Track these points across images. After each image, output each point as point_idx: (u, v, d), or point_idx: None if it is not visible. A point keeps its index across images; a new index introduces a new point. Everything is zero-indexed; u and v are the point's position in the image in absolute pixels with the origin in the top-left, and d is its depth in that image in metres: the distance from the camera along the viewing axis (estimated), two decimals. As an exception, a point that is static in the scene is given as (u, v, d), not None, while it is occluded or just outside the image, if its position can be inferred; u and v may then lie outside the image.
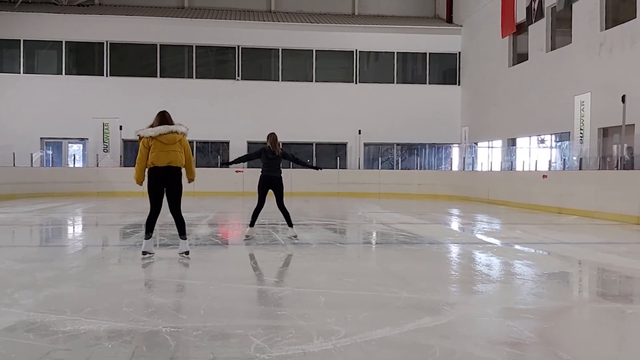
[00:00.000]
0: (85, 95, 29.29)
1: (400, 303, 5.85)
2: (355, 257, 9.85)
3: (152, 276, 7.44)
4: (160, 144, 8.15)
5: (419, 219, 16.65)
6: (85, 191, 25.69)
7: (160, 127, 8.21)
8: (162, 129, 8.20)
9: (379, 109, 30.72)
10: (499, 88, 27.15)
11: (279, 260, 8.93)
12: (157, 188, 8.37)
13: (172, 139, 8.21)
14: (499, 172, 24.81)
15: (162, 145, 8.16)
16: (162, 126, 8.24)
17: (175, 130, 8.26)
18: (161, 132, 8.17)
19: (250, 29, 30.60)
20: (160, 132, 8.17)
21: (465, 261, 9.22)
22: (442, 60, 31.95)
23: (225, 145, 30.28)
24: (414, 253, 9.80)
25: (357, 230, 14.35)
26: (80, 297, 6.16)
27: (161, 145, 8.15)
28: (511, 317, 5.45)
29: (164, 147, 8.16)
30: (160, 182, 8.33)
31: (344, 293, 6.40)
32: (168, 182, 8.34)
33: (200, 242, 10.56)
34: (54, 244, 11.43)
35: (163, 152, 8.16)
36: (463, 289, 6.87)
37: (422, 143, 31.42)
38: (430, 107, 30.99)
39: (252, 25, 30.76)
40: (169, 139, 8.19)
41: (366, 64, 31.87)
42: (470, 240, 11.82)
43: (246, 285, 6.82)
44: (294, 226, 11.13)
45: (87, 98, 29.19)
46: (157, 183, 8.33)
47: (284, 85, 30.74)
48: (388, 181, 27.76)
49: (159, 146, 8.15)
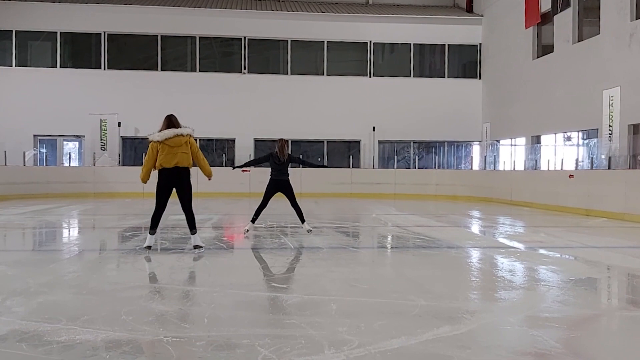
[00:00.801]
0: (81, 89, 29.30)
1: (417, 311, 5.84)
2: (369, 262, 9.81)
3: (153, 282, 7.47)
4: (168, 147, 9.38)
5: (437, 221, 16.62)
6: (82, 192, 25.72)
7: (166, 131, 9.40)
8: (168, 133, 9.38)
9: (395, 105, 30.69)
10: (522, 82, 27.07)
11: (288, 266, 8.95)
12: (165, 188, 9.61)
13: (178, 142, 9.40)
14: (522, 171, 24.72)
15: (169, 148, 9.37)
16: (168, 130, 9.41)
17: (180, 133, 9.42)
18: (167, 136, 9.36)
19: (257, 19, 30.59)
20: (166, 136, 9.37)
21: (486, 266, 9.20)
22: (462, 53, 31.88)
23: (231, 143, 30.28)
24: (432, 258, 9.81)
25: (371, 233, 14.34)
26: (76, 304, 6.18)
27: (168, 148, 9.38)
28: (535, 326, 5.43)
29: (171, 150, 9.38)
30: (168, 182, 9.56)
31: (357, 300, 6.40)
32: (176, 181, 9.56)
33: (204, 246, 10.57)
34: (48, 248, 11.41)
35: (170, 154, 9.39)
36: (484, 296, 6.87)
37: (441, 141, 31.39)
38: (449, 102, 30.95)
39: (259, 15, 30.75)
40: (175, 142, 9.38)
41: (381, 57, 31.82)
42: (492, 244, 11.80)
43: (253, 292, 6.82)
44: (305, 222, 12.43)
45: (83, 93, 29.21)
46: (165, 183, 9.57)
47: (293, 79, 30.73)
48: (404, 181, 27.74)
49: (166, 149, 9.39)
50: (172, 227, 12.82)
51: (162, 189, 9.64)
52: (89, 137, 29.10)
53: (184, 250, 9.96)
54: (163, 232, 12.24)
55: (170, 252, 9.73)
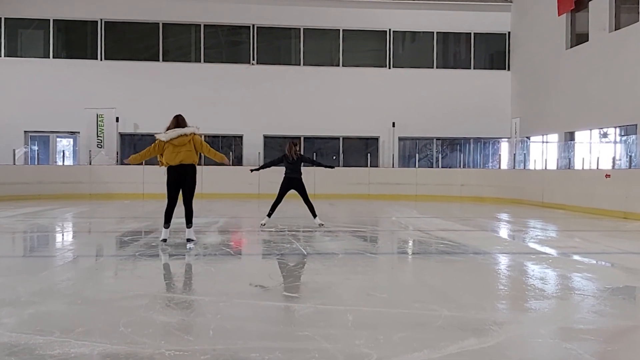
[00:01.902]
0: (76, 82, 29.30)
1: (441, 322, 5.84)
2: (388, 269, 9.82)
3: (154, 291, 7.43)
4: (173, 146, 10.94)
5: (463, 225, 16.56)
6: (77, 193, 25.71)
7: (171, 132, 10.95)
8: (172, 133, 10.93)
9: (416, 98, 30.63)
10: (554, 74, 26.97)
11: (301, 273, 8.96)
12: (173, 184, 11.17)
13: (182, 141, 10.94)
14: (554, 170, 24.62)
15: (174, 147, 10.94)
16: (173, 131, 10.96)
17: (184, 133, 10.95)
18: (172, 137, 10.92)
19: (267, 5, 30.56)
20: (171, 136, 10.93)
21: (515, 274, 9.17)
22: (489, 42, 31.78)
23: (239, 139, 30.29)
24: (457, 264, 9.79)
25: (390, 238, 14.36)
26: (70, 315, 6.19)
27: (173, 147, 10.94)
28: (569, 338, 5.42)
29: (175, 149, 10.94)
30: (175, 179, 11.11)
31: (375, 311, 6.39)
32: (181, 178, 11.09)
33: (208, 252, 10.60)
34: (40, 254, 11.49)
35: (174, 152, 10.94)
36: (513, 306, 6.85)
37: (466, 137, 31.33)
38: (476, 95, 30.86)
39: (269, 1, 30.68)
40: (180, 141, 10.93)
41: (401, 46, 31.78)
42: (522, 250, 11.77)
43: (262, 301, 6.85)
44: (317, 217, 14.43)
45: (78, 85, 29.22)
46: (173, 179, 11.14)
47: (306, 70, 30.73)
48: (426, 181, 27.68)
49: (171, 148, 10.95)
50: (174, 232, 12.85)
51: (170, 185, 11.19)
52: (84, 133, 29.01)
53: (187, 255, 9.99)
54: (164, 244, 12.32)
55: (172, 258, 9.75)
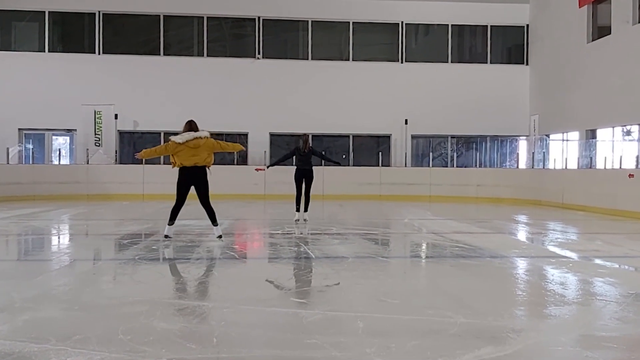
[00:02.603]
0: (73, 77, 29.25)
1: (456, 329, 5.84)
2: (400, 274, 9.84)
3: (155, 296, 7.40)
4: (187, 149, 11.83)
5: (479, 227, 16.59)
6: (73, 194, 25.61)
7: (186, 134, 11.89)
8: (187, 136, 11.87)
9: (430, 94, 30.59)
10: (575, 68, 26.91)
11: (308, 278, 8.97)
12: (185, 185, 12.07)
13: (197, 144, 11.87)
14: (575, 170, 24.57)
15: (189, 149, 11.83)
16: (188, 133, 11.92)
17: (198, 136, 11.91)
18: (187, 139, 11.82)
19: (273, -2, 30.65)
20: (186, 139, 11.83)
21: (534, 278, 9.18)
22: (507, 35, 31.73)
23: (244, 137, 30.14)
24: (473, 269, 9.79)
25: (403, 241, 14.33)
26: (67, 322, 6.20)
27: (188, 149, 11.83)
28: (590, 346, 5.41)
29: (190, 151, 11.84)
30: (188, 180, 12.00)
31: (387, 317, 6.40)
32: (194, 179, 12.00)
33: (212, 255, 10.64)
34: (35, 257, 11.48)
35: (189, 154, 11.84)
36: (532, 313, 6.85)
37: (482, 135, 31.28)
38: (492, 91, 30.79)
39: (275, -7, 30.79)
40: (194, 144, 11.85)
41: (414, 40, 31.76)
42: (541, 254, 11.79)
43: (269, 307, 6.83)
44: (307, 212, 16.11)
45: (75, 80, 29.16)
46: (185, 180, 12.02)
47: (314, 65, 30.70)
48: (441, 181, 27.64)
49: (186, 150, 11.83)
50: (176, 234, 12.87)
51: (181, 185, 12.10)
52: (81, 131, 28.83)
53: (189, 260, 10.00)
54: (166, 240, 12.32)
55: (174, 262, 9.76)
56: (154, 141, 29.04)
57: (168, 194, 24.25)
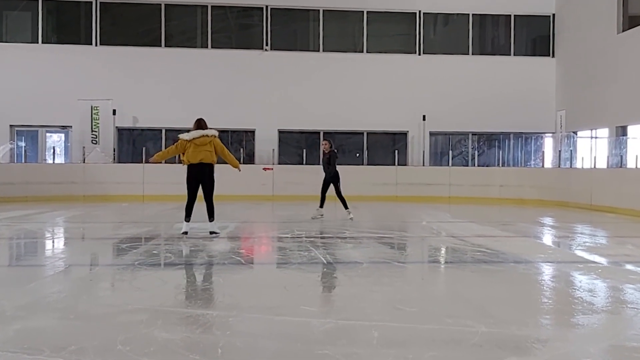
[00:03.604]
0: (68, 70, 29.23)
1: (477, 339, 5.84)
2: (418, 280, 9.83)
3: (156, 304, 7.40)
4: (194, 146, 13.12)
5: (502, 230, 16.57)
6: (69, 194, 25.61)
7: (194, 132, 13.18)
8: (195, 133, 13.16)
9: (449, 88, 30.53)
10: (604, 60, 26.82)
11: (320, 284, 8.99)
12: (193, 180, 13.31)
13: (204, 141, 13.15)
14: (604, 169, 24.49)
15: (196, 146, 13.12)
16: (196, 131, 13.19)
17: (205, 134, 13.18)
18: (194, 137, 13.13)
19: (282, -14, 30.62)
20: (194, 136, 13.13)
21: (561, 285, 9.16)
22: (532, 25, 31.66)
23: (250, 135, 30.24)
24: (495, 275, 9.78)
25: (420, 245, 14.34)
26: (61, 331, 6.21)
27: (195, 146, 13.12)
28: (621, 357, 5.40)
29: (197, 148, 13.11)
30: (195, 176, 13.25)
31: (403, 326, 6.40)
32: (201, 175, 13.25)
33: (217, 260, 10.66)
34: (27, 263, 11.52)
35: (195, 151, 13.11)
36: (558, 321, 6.84)
37: (505, 132, 31.23)
38: (516, 85, 30.73)
39: (284, -20, 30.77)
40: (201, 142, 13.14)
41: (432, 30, 31.74)
42: (568, 259, 11.75)
43: (277, 316, 6.83)
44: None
45: (71, 74, 29.13)
46: (192, 176, 13.27)
47: (325, 57, 30.65)
48: (461, 181, 27.63)
49: (193, 147, 13.12)
50: (179, 238, 12.90)
51: (190, 182, 13.34)
52: (77, 127, 28.80)
53: (193, 265, 10.02)
54: (167, 244, 12.35)
55: (175, 268, 9.78)
56: (155, 138, 29.13)
57: (169, 195, 24.55)
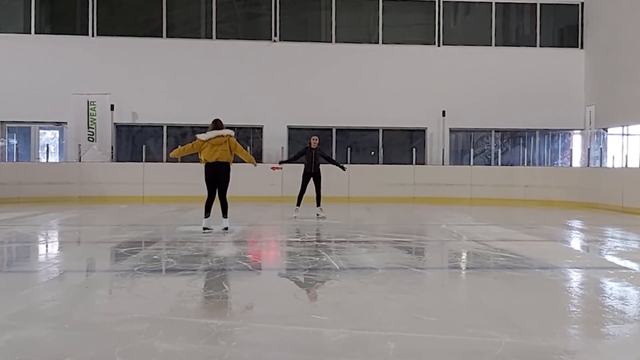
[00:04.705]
0: (63, 62, 29.24)
1: (500, 351, 5.84)
2: (437, 288, 9.83)
3: (157, 313, 7.39)
4: (211, 145, 14.74)
5: (527, 234, 16.55)
6: (64, 195, 25.66)
7: (210, 133, 14.77)
8: (211, 134, 14.75)
9: (471, 82, 30.52)
10: (637, 52, 26.75)
11: (332, 292, 8.96)
12: (210, 178, 14.91)
13: (220, 141, 14.74)
14: (637, 169, 24.43)
15: (212, 146, 14.74)
16: (212, 131, 14.77)
17: (221, 134, 14.75)
18: (210, 137, 14.73)
19: (292, -28, 30.61)
20: (209, 137, 14.74)
21: (590, 293, 9.13)
22: (559, 14, 31.60)
23: (258, 131, 30.27)
24: (520, 281, 9.77)
25: (440, 250, 14.32)
26: (56, 342, 6.20)
27: (211, 146, 14.74)
28: (655, 372, 5.40)
29: (212, 148, 14.73)
30: (213, 174, 14.85)
31: (421, 337, 6.40)
32: (217, 173, 14.85)
33: (222, 266, 10.66)
34: (19, 268, 11.47)
35: (212, 151, 14.72)
36: (588, 332, 6.82)
37: (531, 129, 31.18)
38: (542, 78, 30.66)
39: (294, -34, 30.75)
40: (217, 141, 14.74)
41: (453, 20, 31.68)
42: (598, 264, 11.73)
43: (287, 325, 6.84)
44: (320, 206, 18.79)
45: (65, 66, 29.15)
46: (210, 174, 14.88)
47: (338, 48, 30.63)
48: (483, 181, 27.61)
49: (209, 147, 14.74)
50: (181, 242, 12.92)
51: (208, 180, 14.94)
52: (72, 124, 28.73)
53: (196, 271, 9.99)
54: (169, 249, 12.36)
55: (178, 274, 9.77)
56: (156, 136, 29.18)
57: (171, 196, 24.64)
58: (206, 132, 14.95)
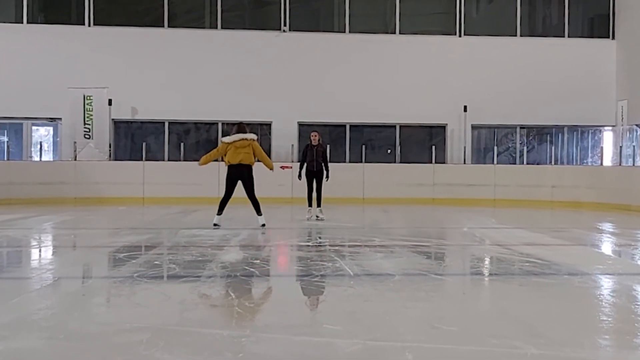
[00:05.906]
0: (57, 54, 29.38)
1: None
2: (458, 295, 9.79)
3: (158, 323, 7.37)
4: (234, 148, 16.43)
5: (554, 237, 16.51)
6: (58, 196, 25.77)
7: (234, 136, 16.56)
8: (235, 137, 16.50)
9: (494, 75, 30.54)
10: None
11: (346, 300, 8.94)
12: (232, 180, 16.66)
13: (243, 144, 16.49)
14: (674, 168, 24.44)
15: (236, 148, 16.42)
16: (236, 135, 16.55)
17: (244, 138, 16.49)
18: (234, 140, 16.47)
19: (302, -42, 30.60)
20: (234, 139, 16.48)
21: (622, 301, 9.08)
22: (589, 2, 31.55)
23: (266, 128, 30.24)
24: (547, 289, 9.73)
25: (461, 254, 14.33)
26: (50, 353, 6.20)
27: (235, 148, 16.43)
28: (693, 385, 5.39)
29: (236, 150, 16.41)
30: (234, 176, 16.57)
31: (441, 348, 6.39)
32: (240, 175, 16.56)
33: (227, 272, 10.67)
34: (10, 275, 11.42)
35: (235, 153, 16.40)
36: (619, 342, 6.79)
37: (559, 125, 31.16)
38: (571, 71, 30.67)
39: (305, -49, 30.73)
40: (241, 144, 16.47)
41: (475, 8, 31.68)
42: (630, 270, 11.73)
43: (297, 336, 6.83)
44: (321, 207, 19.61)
45: (60, 58, 29.27)
46: (232, 176, 16.61)
47: (352, 39, 30.69)
48: (507, 182, 27.59)
49: (233, 149, 16.42)
50: (184, 247, 12.93)
51: (229, 180, 16.71)
52: (67, 120, 28.81)
53: (200, 278, 9.99)
54: (171, 254, 12.38)
55: (181, 281, 9.77)
56: (157, 132, 29.23)
57: (173, 198, 24.70)
58: (231, 135, 16.82)
